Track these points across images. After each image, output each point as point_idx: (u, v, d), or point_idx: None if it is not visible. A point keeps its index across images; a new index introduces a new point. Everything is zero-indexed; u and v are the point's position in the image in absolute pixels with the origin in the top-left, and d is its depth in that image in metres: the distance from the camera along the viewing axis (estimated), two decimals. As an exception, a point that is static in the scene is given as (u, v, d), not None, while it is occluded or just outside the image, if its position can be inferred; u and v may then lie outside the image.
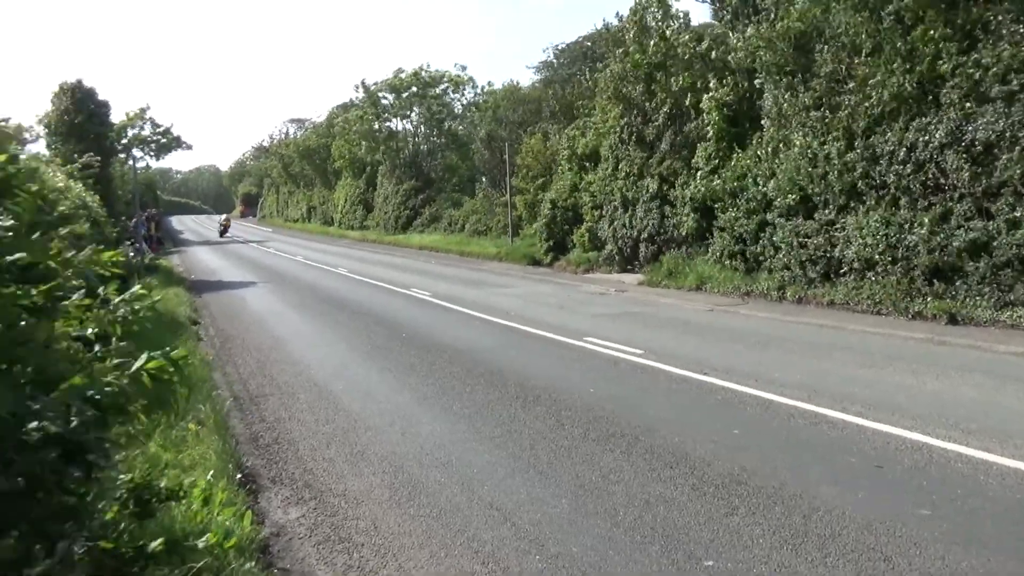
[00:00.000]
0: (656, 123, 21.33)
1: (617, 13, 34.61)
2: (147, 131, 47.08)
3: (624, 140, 22.75)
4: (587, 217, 25.30)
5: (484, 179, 42.55)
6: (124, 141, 38.61)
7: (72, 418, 2.60)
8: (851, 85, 14.74)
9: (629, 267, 22.96)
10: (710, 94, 19.10)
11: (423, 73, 49.46)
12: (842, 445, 6.59)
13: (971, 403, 7.80)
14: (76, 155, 19.43)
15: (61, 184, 12.32)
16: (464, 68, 50.88)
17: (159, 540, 3.22)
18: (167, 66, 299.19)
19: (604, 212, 24.00)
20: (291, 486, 6.21)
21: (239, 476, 6.23)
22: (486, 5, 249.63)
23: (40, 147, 25.79)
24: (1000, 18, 12.50)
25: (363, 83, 53.08)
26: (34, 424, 2.46)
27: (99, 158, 21.20)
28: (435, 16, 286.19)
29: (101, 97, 28.04)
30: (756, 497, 5.47)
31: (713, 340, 11.99)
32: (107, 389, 2.74)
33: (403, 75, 50.22)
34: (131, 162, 35.19)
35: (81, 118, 26.02)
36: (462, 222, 39.40)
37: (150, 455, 5.94)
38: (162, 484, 3.59)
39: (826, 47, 15.32)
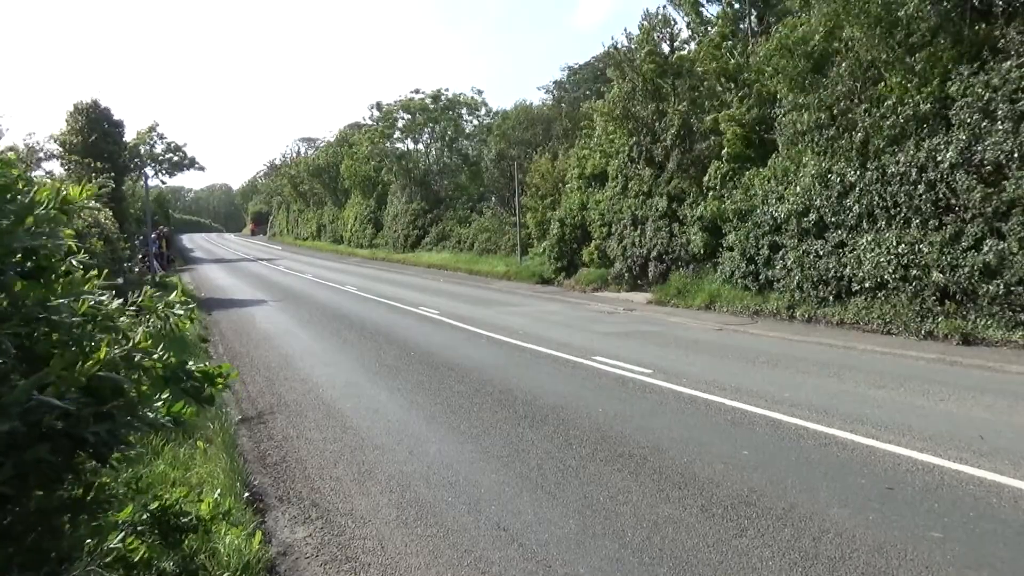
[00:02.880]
0: (665, 143, 21.39)
1: (625, 29, 34.99)
2: (159, 149, 47.65)
3: (633, 159, 22.83)
4: (595, 235, 25.35)
5: (493, 198, 42.72)
6: (136, 160, 38.97)
7: (71, 412, 2.60)
8: (865, 106, 14.77)
9: (638, 285, 22.95)
10: (728, 111, 19.17)
11: (442, 97, 49.74)
12: (852, 466, 6.54)
13: (983, 424, 7.73)
14: (94, 175, 19.67)
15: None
16: (480, 92, 51.27)
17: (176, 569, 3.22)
18: (180, 86, 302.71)
19: (613, 230, 24.06)
20: (298, 505, 6.20)
21: (247, 495, 6.23)
22: (510, 27, 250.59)
23: (54, 165, 26.15)
24: (1008, 38, 12.53)
25: (378, 104, 53.60)
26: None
27: (112, 175, 21.45)
28: (453, 38, 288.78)
29: (116, 116, 28.36)
30: (765, 519, 5.43)
31: (722, 359, 11.94)
32: (103, 376, 2.74)
33: (418, 96, 50.62)
34: (143, 180, 35.47)
35: (96, 137, 26.29)
36: (471, 240, 39.53)
37: (158, 473, 5.97)
38: (191, 514, 3.58)
39: (841, 66, 15.36)
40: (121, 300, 3.13)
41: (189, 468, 6.31)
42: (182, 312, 3.32)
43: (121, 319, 3.02)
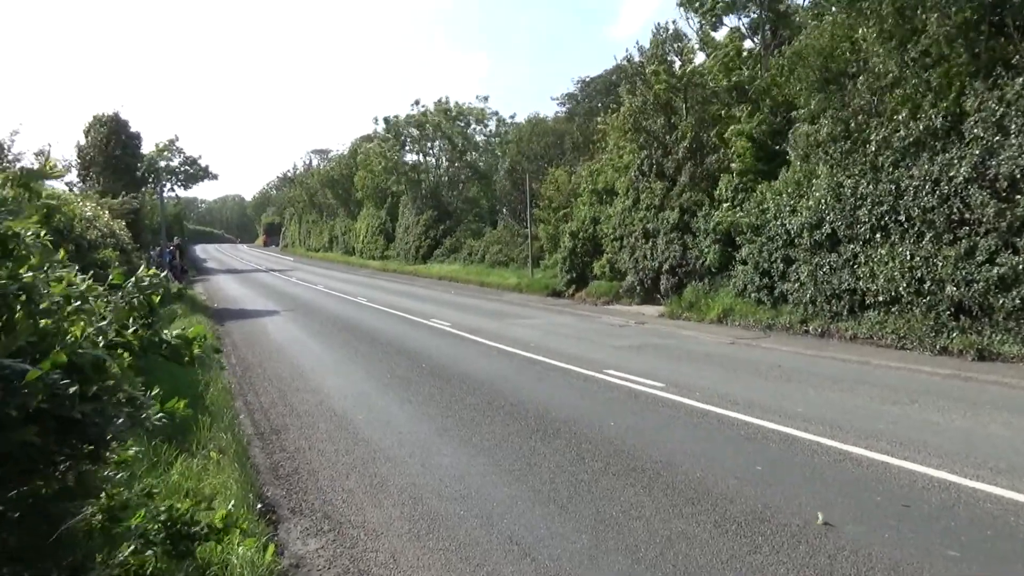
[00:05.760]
0: (676, 155, 21.41)
1: (637, 43, 35.15)
2: (176, 161, 48.11)
3: (644, 172, 22.86)
4: (607, 249, 25.33)
5: (505, 210, 42.81)
6: (153, 172, 39.22)
7: (56, 391, 2.63)
8: (877, 121, 14.74)
9: (650, 299, 22.89)
10: (737, 126, 19.19)
11: (449, 108, 49.89)
12: (867, 483, 6.48)
13: (1000, 441, 7.65)
14: (124, 191, 19.87)
15: (90, 213, 12.61)
16: (486, 99, 51.28)
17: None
18: (194, 96, 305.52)
19: (625, 243, 24.03)
20: (311, 517, 6.20)
21: (259, 506, 6.24)
22: (546, 37, 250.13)
23: (71, 177, 26.45)
24: (1023, 53, 12.50)
25: (385, 119, 53.90)
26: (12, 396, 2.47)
27: (135, 196, 21.72)
28: (480, 47, 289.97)
29: (133, 128, 28.67)
30: (780, 535, 5.39)
31: (735, 373, 11.89)
32: (82, 352, 2.77)
33: (421, 109, 50.91)
34: (160, 193, 35.82)
35: (115, 149, 26.56)
36: (482, 252, 39.60)
37: (171, 483, 5.98)
38: (202, 523, 3.59)
39: (856, 80, 15.36)
40: (90, 278, 3.16)
41: (202, 479, 6.32)
42: (151, 285, 3.34)
43: (92, 298, 3.06)
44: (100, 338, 3.00)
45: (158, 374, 9.37)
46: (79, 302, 2.94)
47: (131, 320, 3.24)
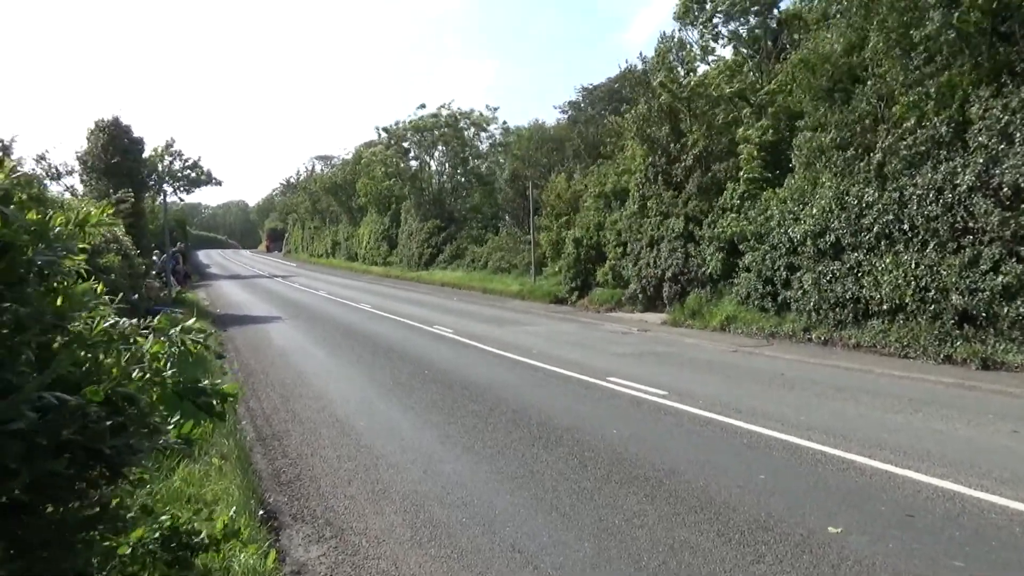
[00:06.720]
0: (684, 163, 21.41)
1: (640, 53, 35.24)
2: (176, 165, 48.17)
3: (650, 179, 22.87)
4: (611, 255, 25.33)
5: (508, 217, 42.85)
6: (155, 175, 39.24)
7: (89, 424, 2.64)
8: (882, 128, 14.75)
9: (653, 306, 22.87)
10: (747, 132, 19.21)
11: (449, 112, 49.95)
12: (871, 492, 6.45)
13: (1004, 451, 7.62)
14: (112, 191, 19.92)
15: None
16: (495, 109, 51.43)
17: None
18: (199, 102, 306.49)
19: (629, 250, 24.02)
20: (312, 523, 6.19)
21: (261, 512, 6.23)
22: (556, 46, 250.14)
23: (74, 182, 26.49)
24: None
25: (385, 129, 54.05)
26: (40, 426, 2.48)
27: (132, 192, 21.72)
28: (489, 54, 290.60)
29: (136, 134, 28.66)
30: (783, 545, 5.36)
31: (738, 381, 11.86)
32: (119, 389, 2.78)
33: (423, 113, 51.00)
34: (162, 197, 35.82)
35: (116, 154, 26.57)
36: (485, 259, 39.59)
37: (174, 489, 5.98)
38: (202, 534, 3.58)
39: (867, 85, 15.39)
40: (136, 320, 3.17)
41: (204, 485, 6.32)
42: (198, 338, 3.35)
43: (136, 338, 3.07)
44: (136, 372, 3.02)
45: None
46: (122, 342, 2.95)
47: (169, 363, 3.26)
